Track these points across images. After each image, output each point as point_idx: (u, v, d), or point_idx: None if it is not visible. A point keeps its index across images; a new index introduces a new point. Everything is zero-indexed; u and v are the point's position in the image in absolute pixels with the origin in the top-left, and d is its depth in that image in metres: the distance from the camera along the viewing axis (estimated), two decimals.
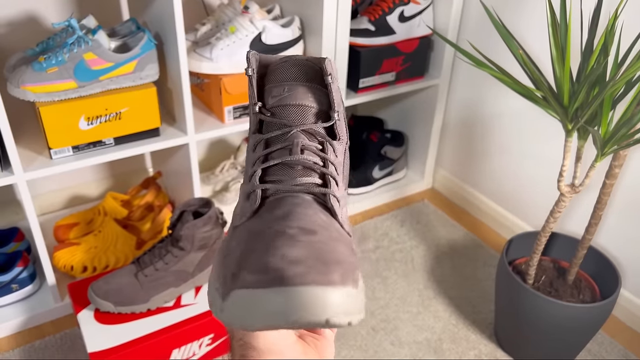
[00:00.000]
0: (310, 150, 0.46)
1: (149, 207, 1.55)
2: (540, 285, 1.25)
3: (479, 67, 1.07)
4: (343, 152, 0.48)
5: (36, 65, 1.10)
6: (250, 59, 0.48)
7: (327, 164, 0.46)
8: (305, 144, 0.46)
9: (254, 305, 0.34)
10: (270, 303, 0.34)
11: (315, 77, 0.48)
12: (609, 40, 0.95)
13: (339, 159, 0.47)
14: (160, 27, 1.24)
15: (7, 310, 1.31)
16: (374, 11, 1.53)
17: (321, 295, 0.34)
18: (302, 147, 0.46)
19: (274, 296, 0.34)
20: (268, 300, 0.34)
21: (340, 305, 0.34)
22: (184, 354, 1.19)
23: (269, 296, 0.34)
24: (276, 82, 0.48)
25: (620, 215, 1.36)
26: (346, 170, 0.50)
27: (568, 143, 1.07)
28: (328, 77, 0.46)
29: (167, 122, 1.34)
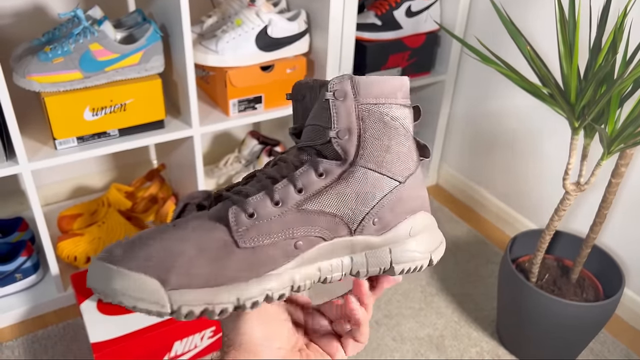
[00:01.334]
0: (282, 166, 0.47)
1: (152, 199, 1.55)
2: (543, 283, 1.25)
3: (485, 63, 1.07)
4: (338, 175, 0.46)
5: (42, 55, 1.10)
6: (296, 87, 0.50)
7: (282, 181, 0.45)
8: (285, 159, 0.47)
9: (92, 270, 0.41)
10: (96, 270, 0.41)
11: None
12: (618, 37, 0.94)
13: (324, 180, 0.45)
14: (166, 19, 1.24)
15: (11, 300, 1.32)
16: (380, 6, 1.52)
17: (119, 273, 0.39)
18: (277, 160, 0.48)
19: (99, 266, 0.41)
20: (96, 268, 0.41)
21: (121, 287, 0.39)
22: (185, 346, 1.19)
23: (98, 265, 0.41)
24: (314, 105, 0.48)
25: (625, 215, 1.35)
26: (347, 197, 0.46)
27: (574, 141, 1.07)
28: (328, 94, 0.46)
29: (172, 114, 1.34)
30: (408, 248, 0.48)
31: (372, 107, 0.46)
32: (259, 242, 0.43)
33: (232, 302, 0.41)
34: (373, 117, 0.46)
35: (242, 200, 0.44)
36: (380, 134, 0.47)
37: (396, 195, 0.48)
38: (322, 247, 0.45)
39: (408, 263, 0.48)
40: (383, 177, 0.47)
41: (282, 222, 0.44)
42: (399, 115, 0.48)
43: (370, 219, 0.46)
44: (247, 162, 1.70)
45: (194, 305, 0.40)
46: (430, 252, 0.49)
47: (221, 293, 0.41)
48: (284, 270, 0.43)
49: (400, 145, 0.48)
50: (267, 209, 0.44)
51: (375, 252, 0.47)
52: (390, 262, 0.48)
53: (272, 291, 0.43)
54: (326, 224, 0.45)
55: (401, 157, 0.48)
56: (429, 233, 0.50)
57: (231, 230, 0.43)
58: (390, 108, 0.47)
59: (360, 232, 0.47)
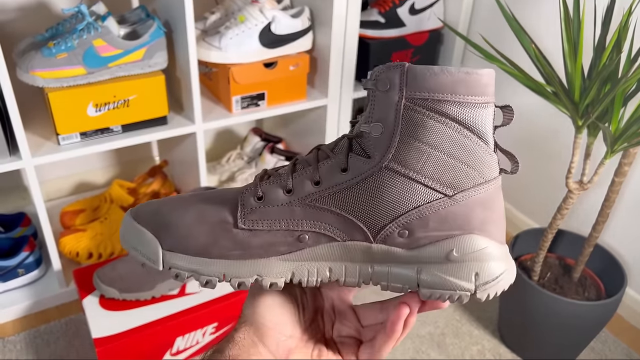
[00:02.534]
0: (315, 154, 0.44)
1: (155, 195, 1.56)
2: (545, 282, 1.25)
3: (489, 60, 1.06)
4: (360, 173, 0.41)
5: (45, 50, 1.10)
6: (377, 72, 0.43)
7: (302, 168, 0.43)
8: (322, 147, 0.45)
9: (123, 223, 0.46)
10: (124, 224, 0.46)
11: None
12: (623, 36, 0.94)
13: (345, 175, 0.41)
14: (170, 15, 1.24)
15: (13, 295, 1.32)
16: (384, 3, 1.52)
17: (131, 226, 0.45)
18: (315, 149, 0.45)
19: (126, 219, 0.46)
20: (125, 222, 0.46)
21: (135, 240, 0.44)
22: (187, 342, 1.19)
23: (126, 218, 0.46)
24: None
25: (627, 214, 1.35)
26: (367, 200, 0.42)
27: (577, 139, 1.07)
28: (369, 82, 0.41)
29: (175, 110, 1.34)
30: (441, 273, 0.41)
31: (421, 102, 0.40)
32: (258, 226, 0.43)
33: (217, 276, 0.42)
34: (420, 114, 0.40)
35: (256, 182, 0.44)
36: (425, 135, 0.40)
37: (436, 209, 0.41)
38: (333, 247, 0.43)
39: (439, 290, 0.41)
40: (418, 186, 0.41)
41: (288, 211, 0.42)
42: (461, 115, 0.40)
43: (395, 229, 0.41)
44: (250, 158, 1.70)
45: (182, 270, 0.43)
46: (475, 284, 0.41)
47: (209, 265, 0.42)
48: (282, 259, 0.43)
49: (457, 152, 0.41)
50: (276, 195, 0.43)
51: (401, 267, 0.42)
52: (418, 283, 0.41)
53: (263, 276, 0.42)
54: (338, 224, 0.42)
55: (456, 166, 0.41)
56: (484, 264, 0.41)
57: (236, 209, 0.43)
58: (450, 105, 0.40)
59: (383, 241, 0.42)
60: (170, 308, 1.17)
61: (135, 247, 0.44)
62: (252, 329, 0.44)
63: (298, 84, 1.40)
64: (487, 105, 0.42)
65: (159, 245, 0.43)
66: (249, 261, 0.42)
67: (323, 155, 0.44)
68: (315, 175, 0.42)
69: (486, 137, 0.42)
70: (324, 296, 0.50)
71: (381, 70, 0.41)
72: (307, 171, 0.43)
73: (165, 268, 0.43)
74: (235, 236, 0.42)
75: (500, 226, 0.43)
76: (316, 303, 0.49)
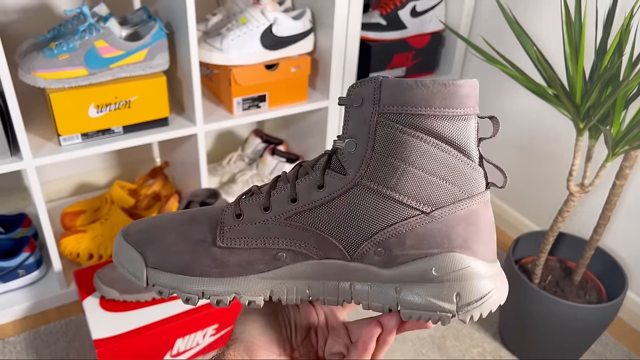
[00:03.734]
0: (298, 170, 0.45)
1: (155, 196, 1.56)
2: (546, 284, 1.25)
3: (491, 63, 1.06)
4: (336, 190, 0.40)
5: (47, 51, 1.10)
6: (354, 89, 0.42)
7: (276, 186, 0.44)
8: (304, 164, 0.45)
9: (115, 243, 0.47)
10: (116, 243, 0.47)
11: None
12: (624, 39, 0.94)
13: (322, 192, 0.41)
14: (172, 17, 1.24)
15: (13, 296, 1.32)
16: (385, 5, 1.52)
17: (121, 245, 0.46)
18: (298, 164, 0.46)
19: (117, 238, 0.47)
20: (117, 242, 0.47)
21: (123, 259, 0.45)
22: (187, 343, 1.19)
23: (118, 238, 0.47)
24: None
25: (629, 217, 1.35)
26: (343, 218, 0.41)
27: (579, 142, 1.07)
28: (342, 99, 0.41)
29: (176, 111, 1.34)
30: (421, 292, 0.39)
31: (394, 117, 0.39)
32: (235, 244, 0.43)
33: (196, 294, 0.43)
34: (392, 129, 0.39)
35: (237, 199, 0.45)
36: (398, 151, 0.39)
37: (414, 226, 0.39)
38: (310, 265, 0.42)
39: (418, 311, 0.39)
40: (393, 203, 0.39)
41: (264, 229, 0.43)
42: (439, 129, 0.38)
43: (370, 247, 0.40)
44: (251, 160, 1.70)
45: (164, 287, 0.44)
46: (456, 305, 0.39)
47: (189, 283, 0.43)
48: (260, 278, 0.42)
49: (433, 167, 0.39)
50: (254, 213, 0.43)
51: (380, 286, 0.41)
52: (397, 302, 0.40)
53: (241, 294, 0.43)
54: (313, 241, 0.41)
55: (433, 182, 0.39)
56: (465, 282, 0.39)
57: (216, 227, 0.44)
58: (424, 119, 0.38)
59: (360, 259, 0.41)
60: (170, 309, 1.17)
61: (123, 265, 0.45)
62: (243, 347, 0.45)
63: (299, 85, 1.40)
64: (468, 117, 0.39)
65: (143, 262, 0.44)
66: (227, 279, 0.43)
67: (303, 172, 0.44)
68: (292, 193, 0.42)
69: (469, 151, 0.40)
70: (318, 313, 0.50)
71: (355, 85, 0.40)
72: (285, 189, 0.43)
73: (149, 285, 0.44)
74: (214, 254, 0.43)
75: (487, 242, 0.41)
76: (310, 319, 0.49)
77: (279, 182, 0.45)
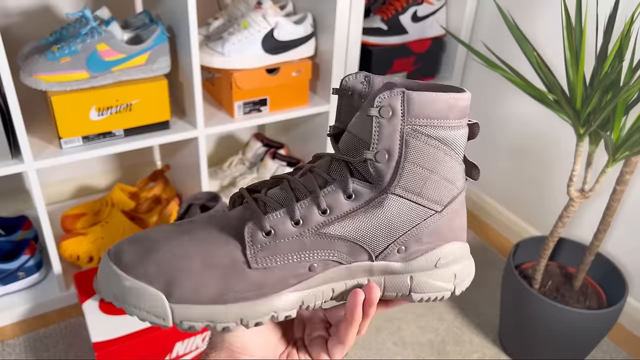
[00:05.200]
0: (311, 179, 0.43)
1: (156, 199, 1.56)
2: (546, 290, 1.25)
3: (491, 68, 1.07)
4: (367, 200, 0.42)
5: (49, 54, 1.10)
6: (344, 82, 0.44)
7: (307, 197, 0.42)
8: (315, 170, 0.43)
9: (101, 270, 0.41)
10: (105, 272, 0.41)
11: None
12: (624, 44, 0.94)
13: (352, 203, 0.42)
14: (173, 20, 1.24)
15: (13, 298, 1.32)
16: (387, 10, 1.53)
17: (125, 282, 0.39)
18: (306, 171, 0.44)
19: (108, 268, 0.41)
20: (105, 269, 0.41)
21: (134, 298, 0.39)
22: (186, 347, 1.19)
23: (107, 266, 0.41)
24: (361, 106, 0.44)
25: (629, 223, 1.35)
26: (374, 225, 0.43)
27: (579, 148, 1.07)
28: (373, 110, 0.41)
29: (177, 115, 1.34)
30: (431, 279, 0.45)
31: (420, 129, 0.41)
32: (271, 263, 0.41)
33: (235, 321, 0.40)
34: (419, 141, 0.41)
35: (260, 215, 0.41)
36: (424, 160, 0.42)
37: (429, 225, 0.44)
38: (339, 270, 0.43)
39: (428, 293, 0.45)
40: (417, 207, 0.43)
41: (299, 244, 0.41)
42: (451, 138, 0.42)
43: (395, 247, 0.43)
44: (251, 164, 1.70)
45: (195, 321, 0.40)
46: (454, 283, 0.46)
47: (225, 312, 0.40)
48: (292, 291, 0.42)
49: (445, 171, 0.43)
50: (285, 229, 0.41)
51: (395, 277, 0.45)
52: (410, 289, 0.45)
53: (278, 312, 0.41)
54: (346, 249, 0.43)
55: (443, 184, 0.43)
56: (459, 265, 0.46)
57: (245, 249, 0.41)
58: (442, 130, 0.42)
59: (383, 258, 0.44)
60: None
61: (135, 305, 0.39)
62: (223, 354, 0.44)
63: (300, 90, 1.40)
64: (465, 125, 0.44)
65: (164, 299, 0.39)
66: (262, 299, 0.41)
67: (322, 181, 0.43)
68: (322, 204, 0.42)
69: (461, 152, 0.44)
70: None
71: (385, 96, 0.41)
72: (312, 199, 0.42)
73: (176, 322, 0.39)
74: (249, 277, 0.41)
75: (465, 227, 0.48)
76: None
77: (295, 190, 0.43)
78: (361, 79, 0.44)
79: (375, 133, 0.41)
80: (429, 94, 0.41)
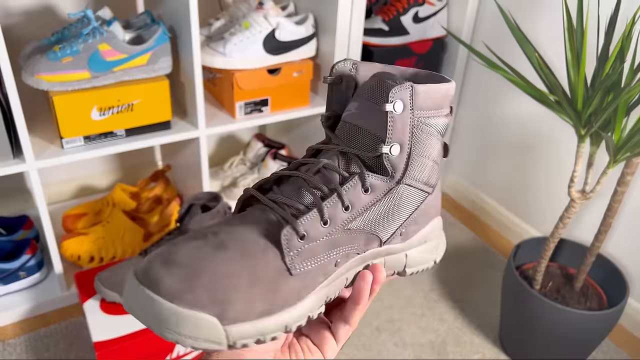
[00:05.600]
0: (327, 175, 0.43)
1: (157, 199, 1.56)
2: (547, 291, 1.25)
3: (492, 69, 1.07)
4: (384, 192, 0.44)
5: (51, 54, 1.11)
6: (335, 69, 0.46)
7: (331, 196, 0.42)
8: (329, 166, 0.43)
9: (127, 290, 0.38)
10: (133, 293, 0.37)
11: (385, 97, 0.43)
12: (626, 46, 0.94)
13: (369, 196, 0.43)
14: (175, 21, 1.25)
15: (14, 298, 1.32)
16: (388, 11, 1.53)
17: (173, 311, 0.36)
18: (321, 168, 0.44)
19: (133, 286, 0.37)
20: (133, 290, 0.37)
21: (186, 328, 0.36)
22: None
23: (133, 286, 0.37)
24: (357, 95, 0.45)
25: (630, 224, 1.35)
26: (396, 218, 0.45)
27: (580, 149, 1.07)
28: (388, 105, 0.41)
29: (179, 115, 1.34)
30: (421, 253, 0.49)
31: (423, 120, 0.44)
32: (308, 266, 0.41)
33: (281, 329, 0.40)
34: (423, 132, 0.44)
35: (293, 219, 0.41)
36: (426, 149, 0.45)
37: (424, 206, 0.47)
38: (355, 260, 0.45)
39: (418, 266, 0.49)
40: (418, 192, 0.46)
41: (330, 243, 0.42)
42: (443, 125, 0.45)
43: (399, 231, 0.46)
44: (252, 164, 1.71)
45: (248, 338, 0.39)
46: (436, 254, 0.50)
47: (274, 323, 0.39)
48: (321, 288, 0.43)
49: (436, 156, 0.46)
50: (317, 230, 0.41)
51: (394, 257, 0.47)
52: (405, 265, 0.48)
53: (313, 312, 0.42)
54: (364, 240, 0.44)
55: (436, 167, 0.46)
56: (438, 236, 0.51)
57: (284, 255, 0.40)
58: (438, 119, 0.45)
59: (388, 242, 0.46)
60: None
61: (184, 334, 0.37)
62: (224, 354, 0.43)
63: (301, 90, 1.40)
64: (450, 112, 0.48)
65: (219, 324, 0.37)
66: (301, 303, 0.41)
67: (339, 177, 0.43)
68: (346, 201, 0.42)
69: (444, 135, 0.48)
70: None
71: (397, 90, 0.41)
72: (337, 197, 0.42)
73: (231, 344, 0.38)
74: (291, 283, 0.40)
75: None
76: None
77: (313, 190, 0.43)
78: (349, 66, 0.46)
79: (390, 128, 0.42)
80: (431, 86, 0.43)
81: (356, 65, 0.46)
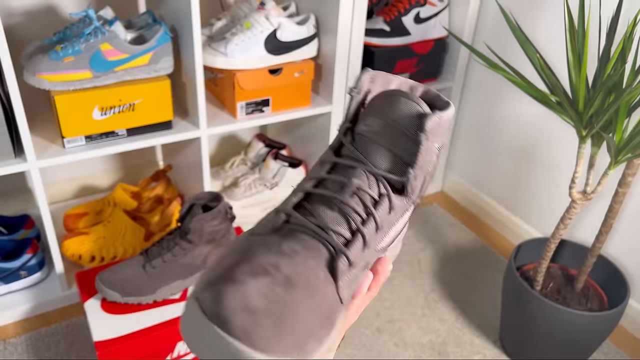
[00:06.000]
0: (362, 198, 0.43)
1: (158, 199, 1.56)
2: (547, 292, 1.25)
3: (494, 69, 1.07)
4: (402, 211, 0.45)
5: (53, 54, 1.11)
6: (362, 80, 0.46)
7: (369, 220, 0.43)
8: (362, 188, 0.43)
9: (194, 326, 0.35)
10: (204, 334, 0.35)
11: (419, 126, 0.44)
12: (627, 47, 0.94)
13: (391, 216, 0.44)
14: (177, 21, 1.25)
15: (15, 297, 1.32)
16: (389, 12, 1.53)
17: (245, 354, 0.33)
18: (356, 190, 0.43)
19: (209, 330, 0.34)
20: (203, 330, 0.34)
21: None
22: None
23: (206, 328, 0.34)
24: (377, 112, 0.44)
25: (631, 225, 1.35)
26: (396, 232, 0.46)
27: (581, 149, 1.07)
28: (422, 135, 0.43)
29: (180, 115, 1.35)
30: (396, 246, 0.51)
31: (437, 146, 0.46)
32: (350, 291, 0.41)
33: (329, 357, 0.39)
34: (435, 156, 0.46)
35: (345, 250, 0.41)
36: (432, 169, 0.46)
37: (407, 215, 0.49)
38: None
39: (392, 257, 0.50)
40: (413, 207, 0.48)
41: (365, 264, 0.43)
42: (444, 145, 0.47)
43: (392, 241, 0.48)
44: (253, 164, 1.71)
45: None
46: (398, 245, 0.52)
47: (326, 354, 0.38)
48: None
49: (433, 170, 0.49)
50: (359, 256, 0.42)
51: None
52: None
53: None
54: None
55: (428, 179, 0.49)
56: None
57: (338, 287, 0.40)
58: (443, 141, 0.47)
59: None
60: (172, 312, 1.17)
61: None
62: None
63: (303, 90, 1.40)
64: None
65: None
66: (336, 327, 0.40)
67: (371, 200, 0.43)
68: (378, 223, 0.43)
69: None
70: None
71: (431, 123, 0.42)
72: (372, 222, 0.43)
73: None
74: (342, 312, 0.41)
75: None
76: None
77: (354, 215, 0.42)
78: (369, 78, 0.46)
79: (420, 156, 0.43)
80: (449, 114, 0.45)
81: (374, 77, 0.46)
